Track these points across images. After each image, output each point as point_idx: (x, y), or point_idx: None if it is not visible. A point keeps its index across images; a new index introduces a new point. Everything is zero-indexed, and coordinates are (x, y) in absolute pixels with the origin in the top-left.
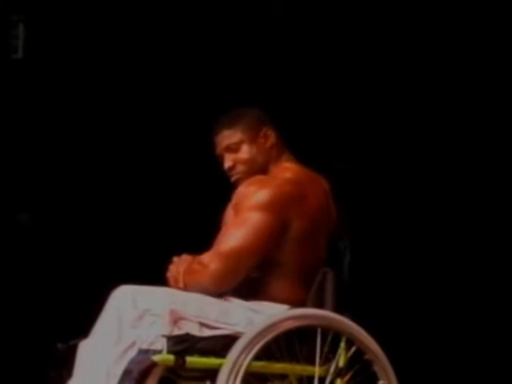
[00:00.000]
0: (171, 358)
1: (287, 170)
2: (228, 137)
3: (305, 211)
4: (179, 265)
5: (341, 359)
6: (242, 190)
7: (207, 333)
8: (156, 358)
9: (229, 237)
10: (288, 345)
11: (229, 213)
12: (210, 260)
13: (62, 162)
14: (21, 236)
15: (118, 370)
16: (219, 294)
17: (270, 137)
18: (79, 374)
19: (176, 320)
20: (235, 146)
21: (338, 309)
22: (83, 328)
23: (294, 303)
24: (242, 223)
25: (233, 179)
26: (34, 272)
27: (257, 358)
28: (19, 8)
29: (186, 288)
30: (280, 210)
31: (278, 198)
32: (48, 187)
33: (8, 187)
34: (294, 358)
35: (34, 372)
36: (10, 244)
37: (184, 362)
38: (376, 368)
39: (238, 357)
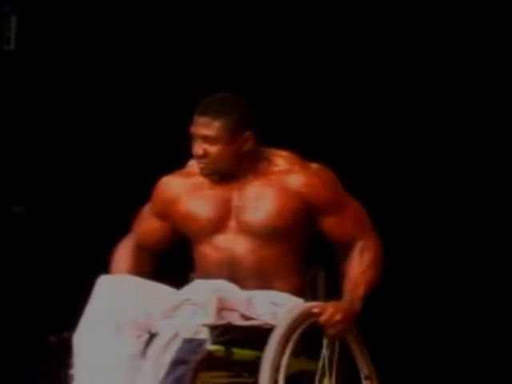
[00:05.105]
0: (221, 348)
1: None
2: (207, 126)
3: None
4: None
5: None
6: (310, 181)
7: (245, 323)
8: (210, 348)
9: (356, 215)
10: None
11: (281, 201)
12: (368, 237)
13: (55, 154)
14: (15, 228)
15: (165, 361)
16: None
17: (249, 141)
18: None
19: (221, 309)
20: (211, 140)
21: None
22: (76, 320)
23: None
24: (349, 202)
25: (198, 167)
26: (28, 264)
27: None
28: None
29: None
30: None
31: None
32: (42, 179)
33: (2, 179)
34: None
35: (26, 365)
36: (4, 236)
37: (232, 353)
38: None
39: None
